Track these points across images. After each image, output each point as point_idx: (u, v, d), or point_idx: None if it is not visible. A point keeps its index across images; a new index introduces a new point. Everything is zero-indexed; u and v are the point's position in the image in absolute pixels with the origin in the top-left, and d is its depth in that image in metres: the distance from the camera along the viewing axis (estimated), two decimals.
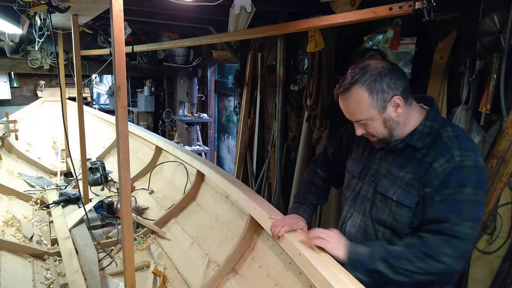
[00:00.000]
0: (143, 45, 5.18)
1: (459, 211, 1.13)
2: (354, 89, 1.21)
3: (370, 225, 1.34)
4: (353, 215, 1.42)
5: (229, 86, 5.77)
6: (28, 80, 5.79)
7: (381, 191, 1.30)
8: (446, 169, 1.15)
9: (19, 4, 2.24)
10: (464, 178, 1.14)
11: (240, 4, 1.90)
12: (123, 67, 1.23)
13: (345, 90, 1.23)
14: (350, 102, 1.24)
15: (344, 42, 3.02)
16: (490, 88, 2.02)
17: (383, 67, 1.21)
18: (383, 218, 1.29)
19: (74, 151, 2.96)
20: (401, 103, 1.21)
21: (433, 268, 1.14)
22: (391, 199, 1.26)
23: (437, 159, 1.18)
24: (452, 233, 1.13)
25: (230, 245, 1.93)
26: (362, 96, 1.20)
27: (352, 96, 1.22)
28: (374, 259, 1.20)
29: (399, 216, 1.24)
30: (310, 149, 3.55)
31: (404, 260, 1.16)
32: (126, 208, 1.36)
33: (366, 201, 1.36)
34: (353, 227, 1.41)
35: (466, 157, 1.15)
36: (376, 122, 1.24)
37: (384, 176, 1.31)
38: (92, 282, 1.80)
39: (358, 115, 1.24)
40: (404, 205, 1.22)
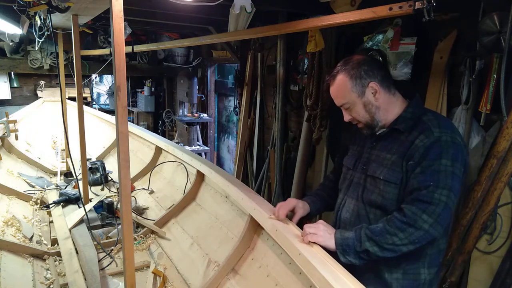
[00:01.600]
0: (143, 45, 5.18)
1: (436, 180, 1.24)
2: (338, 76, 1.42)
3: (362, 208, 1.45)
4: (346, 202, 1.53)
5: (229, 86, 5.77)
6: (28, 80, 5.79)
7: (371, 173, 1.43)
8: (425, 143, 1.29)
9: (19, 4, 2.24)
10: (442, 150, 1.27)
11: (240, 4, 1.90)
12: (123, 67, 1.23)
13: (332, 77, 1.45)
14: (335, 88, 1.44)
15: (344, 42, 3.02)
16: (490, 88, 2.02)
17: (363, 58, 1.42)
18: (373, 198, 1.41)
19: (74, 151, 2.96)
20: (378, 88, 1.38)
21: (413, 235, 1.24)
22: (379, 179, 1.39)
23: (418, 137, 1.32)
24: (429, 200, 1.23)
25: (230, 245, 1.93)
26: (344, 81, 1.40)
27: (336, 82, 1.43)
28: (360, 241, 1.30)
29: (387, 193, 1.37)
30: (310, 149, 3.55)
31: (387, 234, 1.26)
32: (126, 208, 1.36)
33: (358, 186, 1.49)
34: (347, 212, 1.51)
35: (443, 133, 1.29)
36: (357, 106, 1.41)
37: (374, 161, 1.45)
38: (92, 282, 1.80)
39: (341, 99, 1.43)
40: (391, 182, 1.36)
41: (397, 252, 1.27)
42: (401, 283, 1.39)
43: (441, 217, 1.23)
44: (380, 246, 1.27)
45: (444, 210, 1.23)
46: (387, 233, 1.26)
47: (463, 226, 2.01)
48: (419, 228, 1.23)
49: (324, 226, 1.42)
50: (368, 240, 1.28)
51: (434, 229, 1.23)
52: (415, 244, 1.25)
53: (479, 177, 1.96)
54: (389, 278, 1.40)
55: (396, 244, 1.25)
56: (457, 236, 2.02)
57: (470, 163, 2.15)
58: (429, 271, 1.39)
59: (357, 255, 1.31)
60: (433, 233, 1.24)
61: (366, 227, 1.32)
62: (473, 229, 1.98)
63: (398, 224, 1.25)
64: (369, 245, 1.28)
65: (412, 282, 1.39)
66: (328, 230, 1.39)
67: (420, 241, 1.25)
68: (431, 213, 1.22)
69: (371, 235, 1.28)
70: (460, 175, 1.27)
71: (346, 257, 1.32)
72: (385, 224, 1.29)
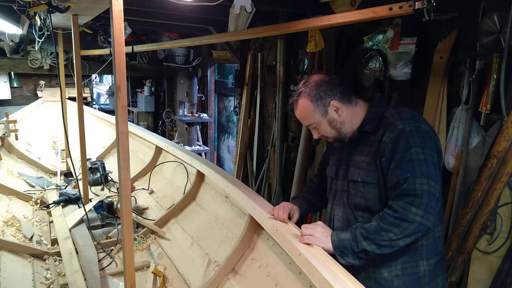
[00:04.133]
0: (143, 45, 5.17)
1: (412, 170, 1.27)
2: (300, 100, 1.46)
3: (350, 213, 1.48)
4: (335, 210, 1.55)
5: (229, 86, 5.77)
6: (28, 80, 5.79)
7: (350, 178, 1.47)
8: (392, 138, 1.32)
9: (19, 4, 2.24)
10: (409, 141, 1.29)
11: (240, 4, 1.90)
12: (123, 67, 1.24)
13: (294, 102, 1.49)
14: (299, 112, 1.49)
15: (344, 42, 3.02)
16: (490, 88, 2.02)
17: (321, 79, 1.45)
18: (357, 201, 1.44)
19: (74, 151, 2.96)
20: (339, 105, 1.43)
21: (408, 229, 1.25)
22: (358, 182, 1.42)
23: (384, 134, 1.35)
24: (412, 193, 1.25)
25: (230, 245, 1.93)
26: (305, 104, 1.45)
27: (299, 106, 1.47)
28: (357, 241, 1.31)
29: (367, 194, 1.40)
30: (310, 149, 3.55)
31: (382, 231, 1.28)
32: (126, 208, 1.36)
33: (343, 193, 1.51)
34: (338, 221, 1.53)
35: (406, 124, 1.32)
36: (323, 125, 1.46)
37: (352, 166, 1.48)
38: (92, 282, 1.80)
39: (307, 121, 1.49)
40: (369, 183, 1.39)
41: (395, 247, 1.29)
42: (401, 279, 1.39)
43: (429, 206, 1.25)
44: (377, 244, 1.28)
45: (429, 199, 1.24)
46: (381, 230, 1.28)
47: (463, 226, 2.01)
48: (412, 221, 1.24)
49: (322, 227, 1.42)
50: (364, 240, 1.29)
51: (426, 219, 1.25)
52: (411, 237, 1.27)
53: (479, 177, 1.96)
54: (389, 276, 1.40)
55: (392, 239, 1.27)
56: (457, 236, 2.02)
57: (470, 163, 2.15)
58: (428, 262, 1.39)
59: (355, 255, 1.32)
60: (426, 223, 1.25)
61: (361, 227, 1.34)
62: (473, 229, 1.98)
63: (391, 220, 1.27)
64: (366, 244, 1.29)
65: (412, 276, 1.39)
66: (325, 232, 1.40)
67: (416, 233, 1.27)
68: (418, 204, 1.24)
69: (367, 234, 1.30)
70: (433, 160, 1.29)
71: (345, 258, 1.33)
72: (379, 221, 1.30)
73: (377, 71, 2.70)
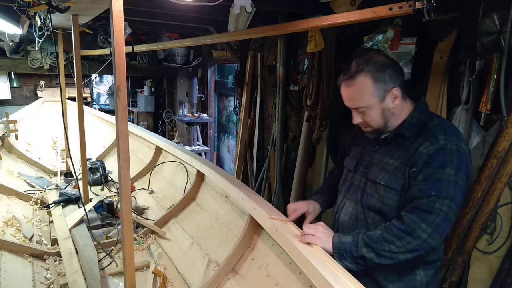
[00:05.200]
0: (143, 45, 5.17)
1: (438, 189, 1.21)
2: (359, 77, 1.30)
3: (361, 212, 1.43)
4: (345, 204, 1.51)
5: (229, 86, 5.77)
6: (28, 80, 5.79)
7: (371, 177, 1.40)
8: (430, 150, 1.25)
9: (19, 4, 2.24)
10: (446, 159, 1.23)
11: (240, 4, 1.90)
12: (123, 67, 1.23)
13: (351, 77, 1.31)
14: (354, 89, 1.32)
15: (344, 42, 3.02)
16: (490, 88, 2.02)
17: (385, 60, 1.34)
18: (373, 203, 1.39)
19: (74, 151, 2.96)
20: (398, 95, 1.32)
21: (410, 244, 1.23)
22: (379, 184, 1.36)
23: (422, 143, 1.28)
24: (429, 210, 1.21)
25: (230, 245, 1.93)
26: (366, 84, 1.30)
27: (357, 83, 1.31)
28: (358, 246, 1.28)
29: (387, 199, 1.34)
30: (310, 149, 3.55)
31: (384, 241, 1.25)
32: (126, 208, 1.36)
33: (358, 189, 1.46)
34: (345, 215, 1.49)
35: (449, 141, 1.25)
36: (374, 110, 1.33)
37: (376, 165, 1.41)
38: (92, 282, 1.80)
39: (359, 102, 1.33)
40: (392, 189, 1.32)
41: (394, 259, 1.26)
42: (396, 285, 1.38)
43: (440, 227, 1.21)
44: (377, 253, 1.26)
45: (444, 220, 1.21)
46: (384, 240, 1.25)
47: (463, 226, 2.00)
48: (417, 237, 1.21)
49: (323, 228, 1.40)
50: (365, 246, 1.27)
51: (432, 239, 1.22)
52: (412, 253, 1.24)
53: (479, 177, 1.96)
54: (384, 281, 1.39)
55: (393, 251, 1.24)
56: (457, 236, 2.02)
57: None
58: (425, 272, 1.38)
59: (353, 260, 1.30)
60: (431, 242, 1.22)
61: (364, 233, 1.31)
62: (473, 229, 1.98)
63: (396, 232, 1.24)
64: (365, 251, 1.27)
65: (408, 283, 1.38)
66: (327, 232, 1.39)
67: (418, 250, 1.24)
68: (430, 222, 1.21)
69: (369, 241, 1.27)
70: (463, 184, 1.24)
71: (343, 261, 1.31)
72: (383, 231, 1.27)
73: None
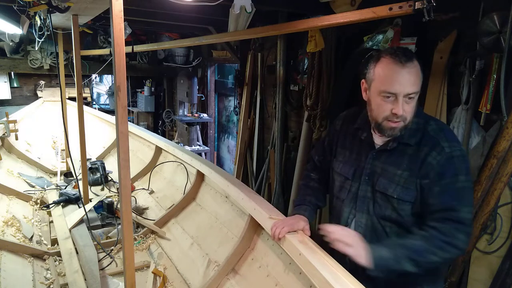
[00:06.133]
0: (143, 45, 5.17)
1: (459, 198, 1.24)
2: (415, 60, 1.27)
3: (377, 222, 1.39)
4: (356, 216, 1.44)
5: (229, 86, 5.77)
6: (28, 80, 5.79)
7: (380, 189, 1.36)
8: (439, 161, 1.26)
9: (19, 4, 2.24)
10: (457, 167, 1.25)
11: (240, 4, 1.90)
12: (123, 67, 1.23)
13: (410, 59, 1.27)
14: (413, 72, 1.27)
15: (344, 42, 3.02)
16: (490, 88, 2.02)
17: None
18: (388, 214, 1.35)
19: (74, 151, 2.96)
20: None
21: (451, 253, 1.24)
22: (391, 197, 1.33)
23: (429, 153, 1.28)
24: (459, 220, 1.23)
25: (230, 245, 1.93)
26: (418, 68, 1.28)
27: (415, 66, 1.27)
28: (400, 261, 1.23)
29: (402, 210, 1.32)
30: (310, 149, 3.54)
31: (428, 253, 1.23)
32: (126, 208, 1.36)
33: (367, 200, 1.40)
34: (359, 227, 1.42)
35: (454, 148, 1.27)
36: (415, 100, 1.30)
37: (381, 175, 1.36)
38: (92, 282, 1.80)
39: (415, 87, 1.27)
40: (405, 201, 1.31)
41: (427, 268, 1.26)
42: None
43: (469, 234, 1.26)
44: (419, 265, 1.23)
45: (470, 226, 1.27)
46: (427, 252, 1.22)
47: None
48: (456, 246, 1.23)
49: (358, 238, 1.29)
50: (408, 260, 1.22)
51: (466, 246, 1.26)
52: (447, 261, 1.28)
53: (479, 177, 1.96)
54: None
55: (432, 261, 1.23)
56: None
57: (470, 163, 2.14)
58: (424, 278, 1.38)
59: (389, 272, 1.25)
60: (464, 250, 1.25)
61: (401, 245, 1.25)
62: (473, 229, 1.98)
63: (439, 243, 1.22)
64: (408, 265, 1.22)
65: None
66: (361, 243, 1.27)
67: (453, 258, 1.29)
68: (466, 233, 1.24)
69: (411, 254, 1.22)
70: (472, 187, 1.30)
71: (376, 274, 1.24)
72: (424, 242, 1.24)
73: None
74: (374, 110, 1.33)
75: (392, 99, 1.27)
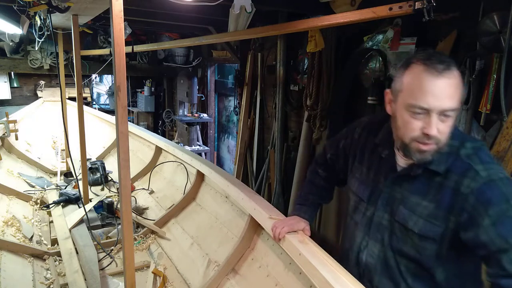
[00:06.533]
0: (143, 45, 5.18)
1: None
2: (455, 70, 1.01)
3: (391, 256, 1.20)
4: (368, 244, 1.26)
5: (229, 86, 5.77)
6: (28, 80, 5.80)
7: (400, 220, 1.16)
8: (477, 188, 1.02)
9: (19, 4, 2.24)
10: (503, 191, 1.01)
11: (240, 4, 1.90)
12: (123, 67, 1.23)
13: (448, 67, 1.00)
14: (452, 84, 1.00)
15: (344, 42, 3.02)
16: (490, 88, 2.02)
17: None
18: (406, 250, 1.16)
19: (74, 151, 2.96)
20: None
21: None
22: (412, 231, 1.13)
23: (461, 182, 1.05)
24: None
25: (230, 245, 1.93)
26: (459, 80, 1.02)
27: (455, 77, 1.01)
28: None
29: (423, 249, 1.12)
30: (310, 149, 3.55)
31: None
32: (126, 208, 1.36)
33: (383, 229, 1.22)
34: (370, 257, 1.25)
35: (491, 170, 1.04)
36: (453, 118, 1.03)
37: (401, 203, 1.16)
38: (92, 282, 1.80)
39: (453, 102, 1.01)
40: (428, 237, 1.10)
41: None
42: None
43: None
44: None
45: None
46: None
47: None
48: None
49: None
50: None
51: None
52: None
53: None
54: None
55: None
56: None
57: None
58: None
59: None
60: None
61: None
62: None
63: None
64: None
65: None
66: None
67: None
68: None
69: None
70: None
71: None
72: None
73: (377, 71, 2.70)
74: (401, 128, 1.09)
75: (424, 115, 1.02)
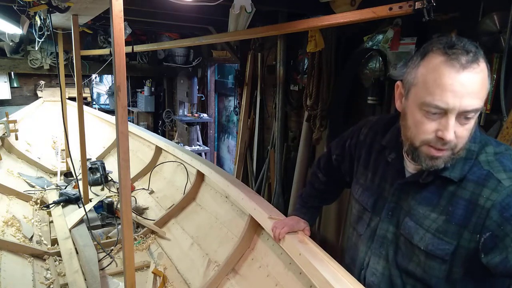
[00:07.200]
0: (143, 45, 5.17)
1: None
2: (483, 62, 0.84)
3: (397, 275, 1.05)
4: (371, 260, 1.12)
5: (229, 86, 5.77)
6: (28, 80, 5.80)
7: (405, 234, 1.02)
8: (496, 201, 0.87)
9: (19, 4, 2.24)
10: None
11: (240, 4, 1.91)
12: (123, 67, 1.23)
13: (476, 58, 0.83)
14: (477, 79, 0.83)
15: (344, 42, 3.02)
16: (490, 88, 2.02)
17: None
18: (411, 268, 1.02)
19: (74, 151, 2.96)
20: None
21: None
22: (418, 247, 0.98)
23: (479, 193, 0.89)
24: None
25: (230, 245, 1.93)
26: (487, 75, 0.85)
27: (482, 71, 0.84)
28: None
29: (430, 269, 0.97)
30: (310, 149, 3.55)
31: None
32: (126, 208, 1.36)
33: (387, 243, 1.07)
34: (373, 275, 1.10)
35: None
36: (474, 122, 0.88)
37: (408, 214, 1.02)
38: (92, 282, 1.80)
39: (477, 101, 0.84)
40: (435, 256, 0.95)
41: None
42: None
43: None
44: None
45: None
46: None
47: None
48: None
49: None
50: None
51: None
52: None
53: None
54: None
55: None
56: None
57: None
58: None
59: None
60: None
61: None
62: None
63: None
64: None
65: None
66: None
67: None
68: None
69: None
70: None
71: None
72: None
73: (377, 71, 2.70)
74: (411, 128, 0.93)
75: (440, 116, 0.86)
